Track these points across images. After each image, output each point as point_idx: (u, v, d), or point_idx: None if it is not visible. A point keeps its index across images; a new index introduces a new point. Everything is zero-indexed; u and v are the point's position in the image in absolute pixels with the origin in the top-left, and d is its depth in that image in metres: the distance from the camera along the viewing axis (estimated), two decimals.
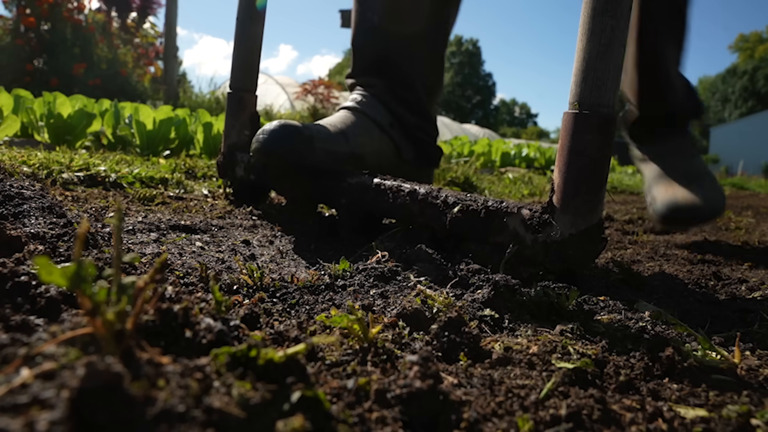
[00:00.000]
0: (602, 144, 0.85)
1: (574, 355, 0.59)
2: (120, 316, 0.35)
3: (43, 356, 0.34)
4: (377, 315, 0.70)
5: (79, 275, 0.34)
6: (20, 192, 1.13)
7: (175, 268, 0.84)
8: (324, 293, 0.82)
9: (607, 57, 0.84)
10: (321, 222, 1.37)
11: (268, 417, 0.34)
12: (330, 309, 0.73)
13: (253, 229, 1.37)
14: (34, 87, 5.04)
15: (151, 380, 0.31)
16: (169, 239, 1.15)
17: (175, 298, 0.52)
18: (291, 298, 0.79)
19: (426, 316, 0.68)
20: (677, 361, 0.57)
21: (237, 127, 1.62)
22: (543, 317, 0.76)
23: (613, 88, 0.86)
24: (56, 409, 0.28)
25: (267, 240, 1.25)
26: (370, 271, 0.89)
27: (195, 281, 0.78)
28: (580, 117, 0.85)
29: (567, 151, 0.87)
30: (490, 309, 0.74)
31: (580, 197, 0.86)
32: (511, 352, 0.58)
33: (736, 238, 2.04)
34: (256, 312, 0.64)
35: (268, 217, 1.47)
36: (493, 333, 0.69)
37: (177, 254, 1.01)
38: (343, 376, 0.50)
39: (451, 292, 0.82)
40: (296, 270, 0.99)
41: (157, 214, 1.44)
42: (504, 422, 0.45)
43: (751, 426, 0.46)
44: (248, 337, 0.50)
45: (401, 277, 0.89)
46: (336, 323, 0.59)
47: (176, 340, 0.43)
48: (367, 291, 0.83)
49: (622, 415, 0.47)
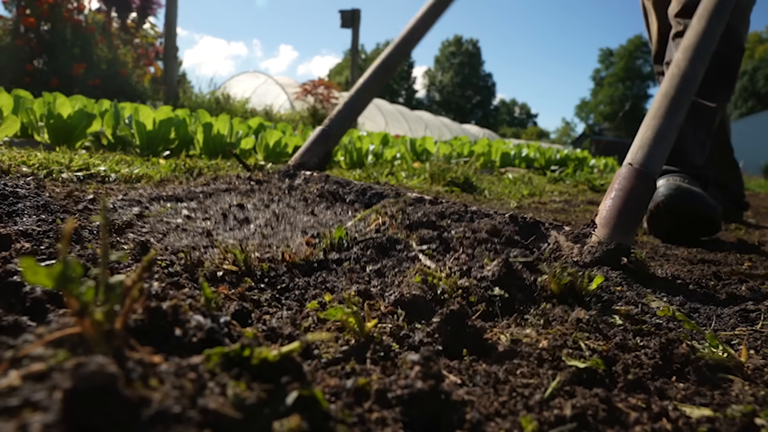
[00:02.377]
0: (644, 191, 1.09)
1: (585, 351, 0.56)
2: (109, 316, 0.34)
3: (30, 358, 0.33)
4: (374, 301, 0.66)
5: (65, 275, 0.33)
6: (15, 191, 1.13)
7: (159, 256, 0.80)
8: (316, 273, 0.77)
9: (662, 144, 1.11)
10: (325, 184, 1.36)
11: (265, 417, 0.33)
12: (323, 294, 0.69)
13: (250, 193, 1.33)
14: (34, 87, 5.04)
15: (145, 381, 0.31)
16: (152, 211, 1.11)
17: (162, 295, 0.51)
18: (280, 282, 0.74)
19: (426, 300, 0.63)
20: (692, 360, 0.56)
21: (312, 153, 1.84)
22: (561, 299, 0.70)
23: (660, 163, 1.11)
24: (50, 412, 0.28)
25: (263, 204, 1.20)
26: (368, 242, 0.84)
27: (180, 270, 0.74)
28: (632, 170, 1.11)
29: (617, 190, 1.08)
30: (500, 288, 0.68)
31: (620, 220, 1.05)
32: (520, 346, 0.55)
33: (736, 237, 2.03)
34: (246, 307, 0.62)
35: (267, 181, 1.43)
36: (502, 316, 0.63)
37: (161, 235, 0.97)
38: (341, 374, 0.49)
39: (456, 268, 0.75)
40: (291, 235, 0.94)
41: (139, 190, 1.40)
42: (507, 422, 0.43)
43: (755, 425, 0.45)
44: (240, 334, 0.49)
45: (401, 246, 0.83)
46: (330, 316, 0.57)
47: (166, 339, 0.42)
48: (363, 268, 0.78)
49: (628, 414, 0.46)
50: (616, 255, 0.97)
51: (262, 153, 3.94)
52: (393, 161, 4.86)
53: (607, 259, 0.97)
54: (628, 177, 1.08)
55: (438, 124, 18.57)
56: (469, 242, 0.87)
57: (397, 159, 5.04)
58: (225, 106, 8.99)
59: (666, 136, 1.11)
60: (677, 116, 1.14)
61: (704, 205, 1.77)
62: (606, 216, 1.04)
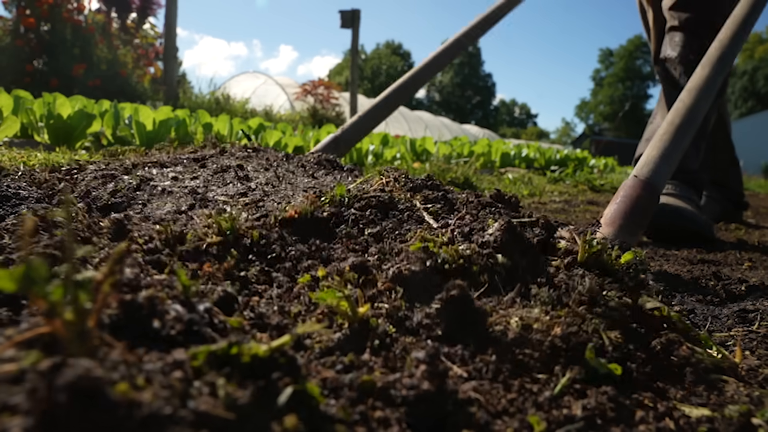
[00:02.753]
0: (649, 202, 1.13)
1: (608, 346, 0.51)
2: (80, 315, 0.33)
3: (0, 360, 0.31)
4: (371, 276, 0.59)
5: (28, 277, 0.32)
6: (17, 192, 1.13)
7: (138, 232, 0.71)
8: (311, 240, 0.70)
9: (668, 163, 1.17)
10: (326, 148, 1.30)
11: (259, 417, 0.33)
12: (317, 268, 0.63)
13: (248, 158, 1.29)
14: (33, 88, 5.03)
15: (131, 381, 0.30)
16: (135, 176, 1.07)
17: (138, 284, 0.47)
18: (271, 252, 0.67)
19: (427, 274, 0.57)
20: (693, 362, 0.55)
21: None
22: (582, 265, 0.64)
23: (665, 181, 1.17)
24: (28, 416, 0.27)
25: (263, 167, 1.17)
26: (369, 200, 0.77)
27: (160, 246, 0.66)
28: (639, 181, 1.16)
29: (622, 197, 1.13)
30: (503, 255, 0.62)
31: (624, 221, 1.09)
32: (531, 332, 0.50)
33: (736, 237, 2.03)
34: (230, 292, 0.56)
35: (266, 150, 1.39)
36: (505, 289, 0.57)
37: (142, 203, 0.92)
38: (337, 365, 0.46)
39: (459, 230, 0.69)
40: (293, 194, 0.92)
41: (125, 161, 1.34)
42: (516, 421, 0.42)
43: (752, 425, 0.45)
44: (224, 324, 0.46)
45: (403, 206, 0.77)
46: (322, 300, 0.52)
47: (144, 332, 0.40)
48: (361, 231, 0.72)
49: (634, 413, 0.46)
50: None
51: None
52: (393, 161, 4.86)
53: None
54: (634, 186, 1.13)
55: (438, 124, 18.56)
56: (473, 205, 0.81)
57: (397, 159, 5.04)
58: (225, 106, 8.99)
59: (671, 158, 1.18)
60: (682, 143, 1.22)
61: (692, 222, 1.79)
62: (611, 217, 1.08)
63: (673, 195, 1.95)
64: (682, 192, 1.98)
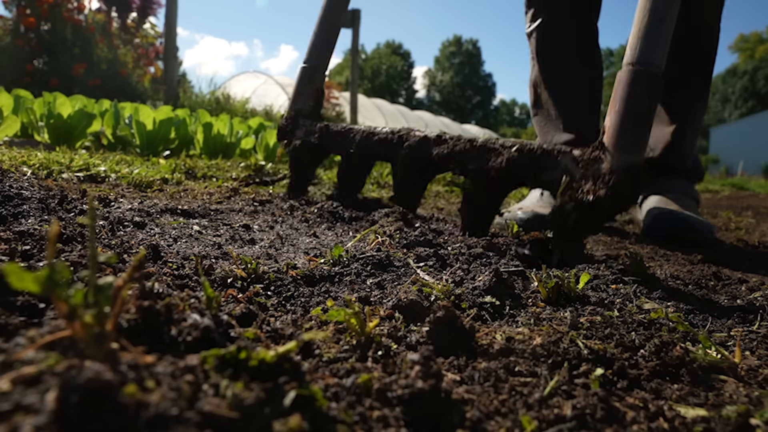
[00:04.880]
0: (649, 95, 1.01)
1: (583, 350, 0.57)
2: (99, 318, 0.34)
3: (21, 362, 0.32)
4: (374, 306, 0.69)
5: (52, 280, 0.33)
6: (20, 192, 1.13)
7: (169, 259, 0.83)
8: (320, 284, 0.81)
9: (660, 30, 1.02)
10: (323, 206, 1.44)
11: (264, 417, 0.33)
12: (326, 301, 0.73)
13: (254, 214, 1.40)
14: (34, 87, 5.04)
15: (140, 383, 0.31)
16: (163, 223, 1.16)
17: (159, 294, 0.51)
18: (286, 291, 0.77)
19: (422, 306, 0.67)
20: (687, 361, 0.56)
21: (304, 96, 1.79)
22: (551, 302, 0.76)
23: (662, 55, 1.02)
24: (41, 414, 0.27)
25: (268, 225, 1.27)
26: (368, 259, 0.89)
27: (189, 273, 0.77)
28: (633, 72, 1.01)
29: (619, 100, 1.02)
30: (491, 296, 0.73)
31: (627, 136, 1.00)
32: (514, 343, 0.57)
33: (736, 237, 2.04)
34: (252, 310, 0.63)
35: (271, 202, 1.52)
36: (493, 320, 0.68)
37: (171, 239, 1.01)
38: (342, 372, 0.49)
39: (451, 279, 0.82)
40: (295, 256, 0.98)
41: (154, 200, 1.46)
42: (508, 421, 0.44)
43: (750, 426, 0.46)
44: (239, 335, 0.49)
45: (399, 263, 0.88)
46: (332, 317, 0.59)
47: (161, 338, 0.42)
48: (363, 280, 0.82)
49: (625, 413, 0.46)
50: (630, 180, 0.99)
51: (263, 153, 3.94)
52: None
53: (622, 187, 0.99)
54: (630, 82, 1.01)
55: (438, 124, 18.57)
56: (464, 258, 0.94)
57: None
58: (225, 106, 8.99)
59: (665, 20, 1.01)
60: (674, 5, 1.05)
61: (690, 228, 1.78)
62: (612, 134, 1.01)
63: (671, 194, 1.95)
64: (683, 190, 1.99)
